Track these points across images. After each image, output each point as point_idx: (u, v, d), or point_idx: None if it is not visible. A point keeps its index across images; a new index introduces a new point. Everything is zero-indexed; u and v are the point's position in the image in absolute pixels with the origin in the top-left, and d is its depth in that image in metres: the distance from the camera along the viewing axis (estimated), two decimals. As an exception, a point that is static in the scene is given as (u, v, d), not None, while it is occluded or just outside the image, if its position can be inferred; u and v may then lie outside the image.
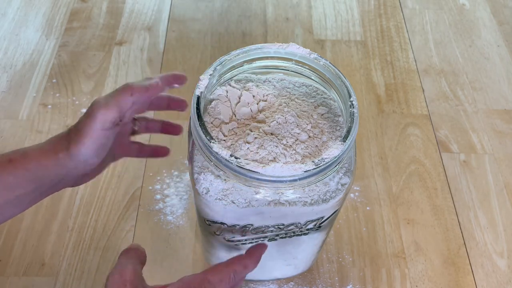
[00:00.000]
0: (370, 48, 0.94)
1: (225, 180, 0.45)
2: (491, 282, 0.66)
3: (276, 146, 0.46)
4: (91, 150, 0.43)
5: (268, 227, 0.49)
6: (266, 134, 0.47)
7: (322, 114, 0.49)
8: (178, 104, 0.52)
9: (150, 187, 0.73)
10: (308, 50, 0.50)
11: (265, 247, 0.49)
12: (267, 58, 0.51)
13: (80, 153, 0.43)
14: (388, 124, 0.83)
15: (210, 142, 0.43)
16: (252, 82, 0.52)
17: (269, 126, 0.47)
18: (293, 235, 0.52)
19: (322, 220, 0.50)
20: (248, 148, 0.46)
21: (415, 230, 0.71)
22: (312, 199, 0.46)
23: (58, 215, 0.70)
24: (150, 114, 0.60)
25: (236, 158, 0.42)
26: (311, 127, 0.48)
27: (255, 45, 0.50)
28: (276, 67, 0.52)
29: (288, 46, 0.50)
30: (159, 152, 0.56)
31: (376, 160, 0.78)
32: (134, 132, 0.52)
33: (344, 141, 0.43)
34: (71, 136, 0.44)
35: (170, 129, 0.55)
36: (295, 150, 0.46)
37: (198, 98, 0.46)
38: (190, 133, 0.48)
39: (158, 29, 0.95)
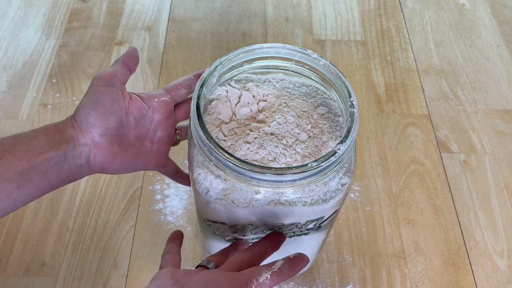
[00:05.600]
0: (370, 48, 0.94)
1: (225, 180, 0.45)
2: (491, 282, 0.66)
3: (276, 146, 0.46)
4: (87, 107, 0.46)
5: (268, 227, 0.49)
6: (266, 134, 0.47)
7: (322, 114, 0.49)
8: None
9: (150, 187, 0.73)
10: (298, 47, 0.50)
11: (283, 237, 0.50)
12: (267, 58, 0.51)
13: (76, 113, 0.46)
14: (388, 124, 0.83)
15: (210, 142, 0.43)
16: (252, 82, 0.52)
17: (269, 126, 0.47)
18: (293, 235, 0.52)
19: (322, 220, 0.50)
20: (248, 148, 0.46)
21: (415, 230, 0.71)
22: (312, 199, 0.46)
23: (58, 215, 0.70)
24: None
25: (236, 158, 0.42)
26: (311, 127, 0.48)
27: (255, 45, 0.50)
28: (276, 67, 0.52)
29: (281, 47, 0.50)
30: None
31: (376, 160, 0.78)
32: (176, 142, 0.55)
33: (344, 141, 0.43)
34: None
35: None
36: (295, 150, 0.46)
37: (198, 97, 0.46)
38: (190, 133, 0.48)
39: (158, 29, 0.95)
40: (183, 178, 0.57)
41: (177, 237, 0.52)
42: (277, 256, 0.57)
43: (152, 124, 0.50)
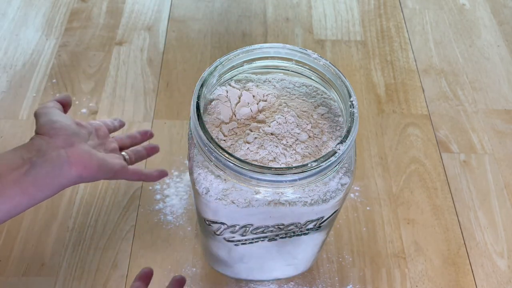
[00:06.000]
0: (370, 48, 0.94)
1: (225, 180, 0.45)
2: (491, 282, 0.66)
3: (276, 146, 0.46)
4: (49, 121, 0.51)
5: (268, 227, 0.49)
6: (266, 134, 0.47)
7: (322, 114, 0.49)
8: (152, 150, 0.67)
9: (150, 187, 0.73)
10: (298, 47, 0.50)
11: None
12: (267, 58, 0.51)
13: (40, 128, 0.50)
14: (388, 124, 0.83)
15: (210, 142, 0.43)
16: (252, 82, 0.52)
17: (269, 126, 0.47)
18: (293, 235, 0.52)
19: (322, 220, 0.50)
20: (248, 148, 0.46)
21: (415, 230, 0.71)
22: (312, 199, 0.46)
23: (58, 215, 0.70)
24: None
25: (236, 158, 0.42)
26: (311, 127, 0.48)
27: (255, 45, 0.50)
28: (276, 67, 0.52)
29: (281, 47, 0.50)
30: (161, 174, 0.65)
31: (376, 160, 0.78)
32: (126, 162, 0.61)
33: (344, 141, 0.43)
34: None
35: (152, 151, 0.67)
36: (295, 150, 0.46)
37: (198, 97, 0.46)
38: (190, 133, 0.48)
39: (158, 29, 0.95)
40: (147, 176, 0.62)
41: (146, 277, 0.54)
42: (278, 257, 0.57)
43: (97, 139, 0.57)
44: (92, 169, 0.50)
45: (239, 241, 0.52)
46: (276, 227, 0.49)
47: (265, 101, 0.50)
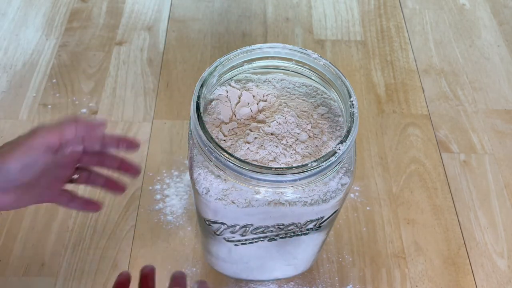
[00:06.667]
0: (370, 48, 0.94)
1: (225, 180, 0.45)
2: (491, 282, 0.66)
3: (276, 146, 0.46)
4: (18, 164, 0.42)
5: (268, 227, 0.49)
6: (266, 134, 0.47)
7: (322, 114, 0.49)
8: (129, 168, 0.52)
9: (150, 187, 0.73)
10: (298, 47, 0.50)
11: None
12: (267, 58, 0.51)
13: (5, 163, 0.41)
14: (388, 124, 0.83)
15: (210, 142, 0.43)
16: (252, 82, 0.52)
17: (269, 126, 0.47)
18: (293, 235, 0.52)
19: (322, 220, 0.50)
20: (248, 148, 0.46)
21: (415, 230, 0.71)
22: (312, 199, 0.46)
23: (58, 215, 0.70)
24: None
25: (236, 158, 0.42)
26: (311, 127, 0.48)
27: (255, 45, 0.50)
28: (276, 67, 0.52)
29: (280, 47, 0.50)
30: (90, 205, 0.53)
31: (376, 160, 0.78)
32: (71, 180, 0.51)
33: (344, 141, 0.43)
34: (4, 147, 0.43)
35: (113, 186, 0.53)
36: (295, 150, 0.46)
37: (198, 97, 0.46)
38: (190, 133, 0.48)
39: (158, 29, 0.95)
40: (83, 202, 0.52)
41: (123, 283, 0.49)
42: (278, 257, 0.57)
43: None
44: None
45: (239, 241, 0.52)
46: (276, 227, 0.49)
47: (265, 101, 0.50)
